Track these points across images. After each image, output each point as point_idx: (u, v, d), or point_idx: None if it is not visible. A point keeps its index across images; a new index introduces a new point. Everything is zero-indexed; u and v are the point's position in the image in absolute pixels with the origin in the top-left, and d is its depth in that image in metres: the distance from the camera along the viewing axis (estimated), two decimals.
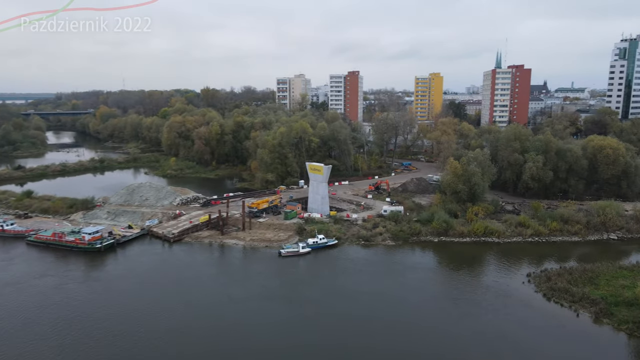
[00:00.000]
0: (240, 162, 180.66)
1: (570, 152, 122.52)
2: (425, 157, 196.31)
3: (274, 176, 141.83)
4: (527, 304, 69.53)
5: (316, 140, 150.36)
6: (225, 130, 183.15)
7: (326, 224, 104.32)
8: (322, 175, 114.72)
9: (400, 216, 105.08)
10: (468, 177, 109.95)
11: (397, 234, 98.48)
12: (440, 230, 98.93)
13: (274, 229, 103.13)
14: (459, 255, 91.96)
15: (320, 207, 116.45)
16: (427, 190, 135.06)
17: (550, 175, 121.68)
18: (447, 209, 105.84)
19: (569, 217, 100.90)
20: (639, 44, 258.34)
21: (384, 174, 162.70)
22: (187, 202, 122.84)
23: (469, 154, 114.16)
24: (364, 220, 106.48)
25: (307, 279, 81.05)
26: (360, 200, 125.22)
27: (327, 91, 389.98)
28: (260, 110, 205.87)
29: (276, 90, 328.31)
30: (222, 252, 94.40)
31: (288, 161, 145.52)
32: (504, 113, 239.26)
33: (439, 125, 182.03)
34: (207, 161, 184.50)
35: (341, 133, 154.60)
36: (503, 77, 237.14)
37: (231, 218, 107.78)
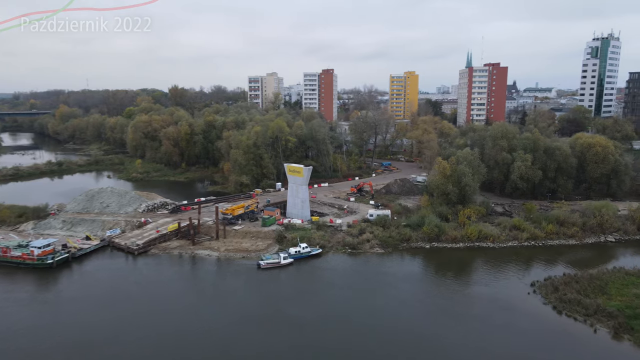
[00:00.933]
0: (212, 163, 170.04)
1: (559, 151, 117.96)
2: (404, 156, 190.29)
3: (248, 179, 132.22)
4: (536, 318, 62.86)
5: (293, 139, 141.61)
6: (196, 130, 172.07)
7: (308, 230, 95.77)
8: (302, 177, 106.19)
9: (387, 221, 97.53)
10: (458, 177, 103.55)
11: (385, 241, 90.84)
12: (431, 235, 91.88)
13: (251, 237, 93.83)
14: (453, 262, 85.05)
15: (300, 211, 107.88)
16: (412, 191, 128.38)
17: (540, 175, 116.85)
18: (437, 212, 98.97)
19: (565, 219, 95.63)
20: (610, 43, 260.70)
21: (365, 174, 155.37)
22: (154, 208, 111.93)
23: (457, 153, 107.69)
24: (349, 225, 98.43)
25: (291, 295, 72.09)
26: (343, 204, 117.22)
27: (300, 90, 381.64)
28: (232, 109, 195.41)
29: (248, 89, 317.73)
30: (193, 265, 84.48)
31: (264, 162, 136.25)
32: (481, 111, 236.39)
33: (420, 124, 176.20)
34: (176, 163, 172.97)
35: (320, 132, 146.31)
36: (480, 75, 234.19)
37: (203, 226, 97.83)
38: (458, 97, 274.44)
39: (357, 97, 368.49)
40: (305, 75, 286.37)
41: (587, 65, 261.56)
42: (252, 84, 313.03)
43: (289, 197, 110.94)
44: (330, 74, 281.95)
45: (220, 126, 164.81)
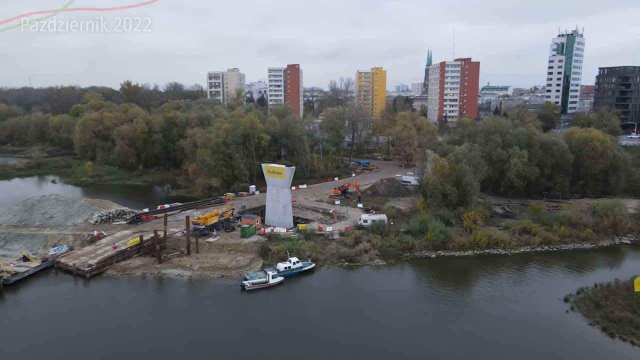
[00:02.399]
0: (174, 165, 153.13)
1: (556, 146, 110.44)
2: (381, 155, 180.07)
3: (218, 181, 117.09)
4: (586, 343, 52.89)
5: (267, 137, 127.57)
6: (154, 128, 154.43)
7: (295, 241, 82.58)
8: (284, 179, 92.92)
9: (385, 227, 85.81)
10: (458, 176, 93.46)
11: (386, 251, 79.06)
12: (436, 243, 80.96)
13: (229, 251, 79.51)
14: (467, 274, 74.38)
15: (282, 218, 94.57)
16: (400, 192, 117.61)
17: (537, 172, 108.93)
18: (438, 215, 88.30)
19: (577, 221, 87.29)
20: (575, 39, 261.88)
21: (344, 174, 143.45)
22: (109, 218, 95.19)
23: (455, 150, 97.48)
24: (341, 233, 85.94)
25: (287, 328, 58.39)
26: (328, 208, 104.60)
27: (262, 87, 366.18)
28: (194, 106, 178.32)
29: (207, 85, 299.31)
30: (160, 289, 69.46)
31: (234, 163, 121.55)
32: (454, 107, 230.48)
33: (399, 119, 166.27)
34: (132, 165, 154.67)
35: (296, 129, 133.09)
36: (452, 70, 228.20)
37: (171, 239, 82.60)
38: (429, 93, 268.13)
39: (323, 95, 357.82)
40: (270, 71, 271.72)
41: (553, 61, 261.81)
42: (212, 80, 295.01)
43: (268, 201, 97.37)
44: (297, 69, 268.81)
45: (183, 123, 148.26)
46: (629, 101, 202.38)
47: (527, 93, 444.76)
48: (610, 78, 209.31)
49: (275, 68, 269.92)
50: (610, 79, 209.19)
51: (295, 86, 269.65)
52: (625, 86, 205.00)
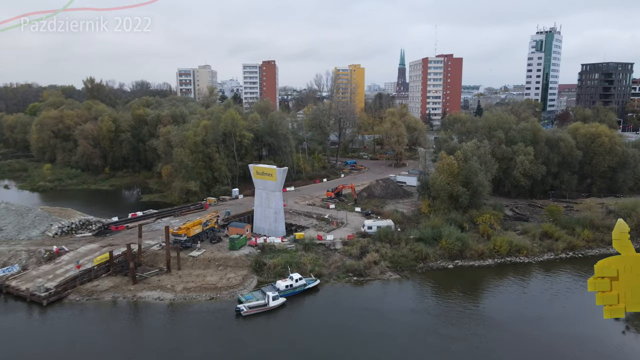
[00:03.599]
0: (144, 167, 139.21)
1: (563, 142, 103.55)
2: (367, 154, 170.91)
3: (197, 185, 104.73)
4: None
5: (249, 135, 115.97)
6: (122, 127, 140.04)
7: (293, 252, 71.70)
8: (275, 181, 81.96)
9: (393, 234, 75.97)
10: (467, 176, 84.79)
11: (398, 262, 69.30)
12: (453, 251, 71.73)
13: (217, 266, 67.87)
14: (492, 287, 65.45)
15: (273, 225, 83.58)
16: (398, 194, 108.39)
17: (543, 170, 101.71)
18: (450, 220, 79.26)
19: (600, 223, 79.90)
20: (554, 37, 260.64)
21: (332, 175, 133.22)
22: (72, 230, 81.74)
23: (464, 147, 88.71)
24: (344, 243, 75.55)
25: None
26: (322, 212, 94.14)
27: (234, 86, 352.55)
28: (166, 102, 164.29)
29: (177, 83, 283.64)
30: (136, 317, 57.50)
31: (215, 164, 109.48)
32: (437, 105, 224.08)
33: (387, 116, 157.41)
34: (98, 167, 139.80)
35: (281, 126, 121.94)
36: (435, 66, 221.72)
37: (147, 253, 70.26)
38: (409, 90, 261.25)
39: (298, 94, 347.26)
40: (244, 67, 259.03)
41: (532, 59, 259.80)
42: (183, 78, 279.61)
43: (257, 207, 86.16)
44: (273, 66, 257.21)
45: (154, 121, 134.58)
46: (612, 98, 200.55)
47: (501, 92, 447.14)
48: (592, 74, 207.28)
49: (250, 64, 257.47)
50: (593, 76, 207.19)
51: (272, 83, 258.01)
52: (608, 82, 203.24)
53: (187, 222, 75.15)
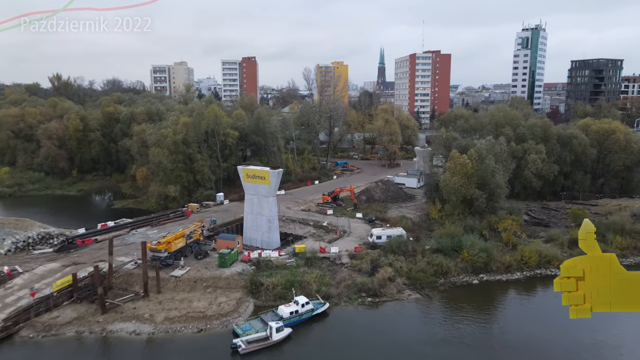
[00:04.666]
0: (117, 169, 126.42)
1: (576, 140, 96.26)
2: (358, 153, 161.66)
3: (177, 189, 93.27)
4: None
5: (234, 133, 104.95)
6: (91, 126, 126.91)
7: (293, 268, 61.40)
8: (269, 185, 71.61)
9: (405, 245, 66.43)
10: (483, 177, 76.20)
11: (416, 278, 59.83)
12: (477, 264, 62.71)
13: (204, 288, 56.99)
14: (531, 307, 56.80)
15: (266, 236, 73.22)
16: (399, 196, 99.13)
17: (555, 170, 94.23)
18: (468, 227, 70.37)
19: (631, 228, 72.24)
20: (540, 33, 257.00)
21: (323, 177, 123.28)
22: (28, 245, 69.38)
23: (478, 145, 79.90)
24: (351, 256, 65.60)
25: None
26: (320, 219, 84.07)
27: (211, 84, 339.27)
28: (140, 99, 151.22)
29: (151, 80, 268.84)
30: (104, 358, 46.28)
31: (197, 166, 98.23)
32: (425, 102, 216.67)
33: (380, 113, 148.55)
34: (64, 171, 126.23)
35: (270, 124, 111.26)
36: (423, 62, 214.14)
37: (119, 274, 58.87)
38: (395, 88, 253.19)
39: (278, 92, 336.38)
40: (223, 64, 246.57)
41: (518, 56, 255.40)
42: (158, 75, 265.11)
43: (247, 215, 75.57)
44: (253, 62, 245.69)
45: (127, 119, 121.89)
46: (602, 95, 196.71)
47: (482, 90, 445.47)
48: (583, 71, 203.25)
49: (230, 61, 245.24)
50: (583, 72, 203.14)
51: (253, 81, 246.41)
52: (598, 79, 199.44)
53: (168, 235, 63.87)
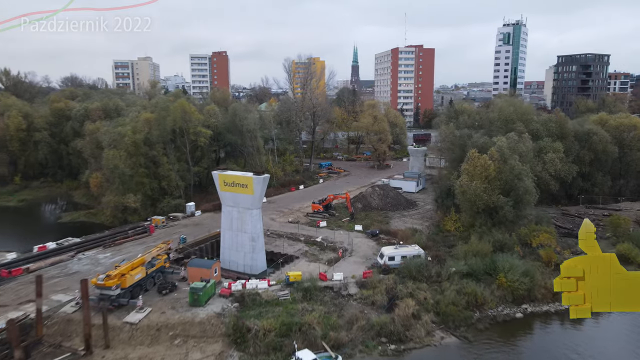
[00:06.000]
0: (68, 175, 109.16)
1: (596, 137, 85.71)
2: (342, 154, 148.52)
3: (138, 199, 77.61)
4: None
5: (207, 132, 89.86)
6: (36, 124, 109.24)
7: (288, 304, 47.28)
8: (252, 195, 57.65)
9: (426, 268, 53.25)
10: (509, 180, 64.11)
11: (447, 313, 46.78)
12: (518, 292, 50.15)
13: (171, 338, 42.17)
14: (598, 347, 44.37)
15: (249, 258, 59.38)
16: (400, 203, 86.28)
17: (574, 171, 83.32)
18: (498, 242, 58.00)
19: None
20: (522, 29, 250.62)
21: (309, 181, 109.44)
22: None
23: (499, 143, 67.52)
24: (360, 284, 51.82)
25: None
26: (313, 234, 70.20)
27: (179, 82, 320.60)
28: (97, 94, 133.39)
29: (113, 77, 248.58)
30: None
31: (162, 170, 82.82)
32: (409, 100, 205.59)
33: (367, 109, 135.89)
34: (5, 177, 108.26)
35: (248, 121, 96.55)
36: (406, 57, 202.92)
37: (53, 320, 43.36)
38: (376, 85, 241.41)
39: (250, 91, 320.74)
40: (192, 58, 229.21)
41: (499, 52, 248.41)
42: (120, 70, 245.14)
43: (225, 231, 61.26)
44: (225, 57, 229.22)
45: (80, 116, 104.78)
46: (590, 91, 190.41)
47: (462, 89, 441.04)
48: (570, 67, 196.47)
49: (199, 55, 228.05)
50: (570, 68, 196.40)
51: (224, 77, 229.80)
52: (586, 75, 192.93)
53: (122, 264, 48.58)
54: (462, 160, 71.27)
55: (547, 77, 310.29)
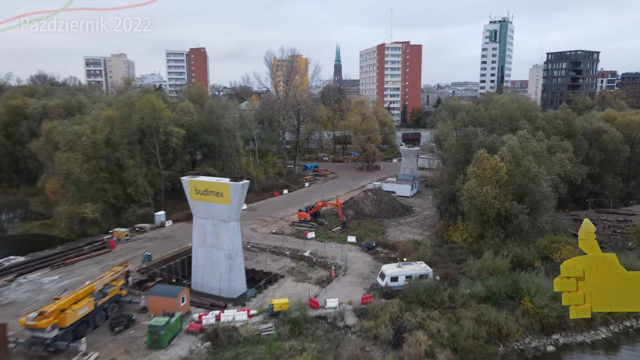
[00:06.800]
0: (26, 180, 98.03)
1: (607, 135, 78.88)
2: (328, 155, 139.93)
3: (98, 209, 67.56)
4: None
5: (180, 131, 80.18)
6: None
7: (272, 342, 38.32)
8: (229, 205, 48.66)
9: (436, 291, 44.80)
10: (523, 185, 56.33)
11: (465, 349, 38.47)
12: (548, 320, 42.11)
13: None
14: None
15: (226, 279, 50.51)
16: (395, 209, 78.07)
17: (584, 172, 76.29)
18: (517, 257, 50.00)
19: None
20: (508, 26, 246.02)
21: (293, 185, 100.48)
22: None
23: (509, 142, 59.59)
24: (358, 312, 43.03)
25: None
26: (299, 247, 61.35)
27: (156, 81, 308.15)
28: (59, 91, 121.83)
29: (85, 74, 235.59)
30: None
31: (128, 175, 72.85)
32: (396, 98, 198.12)
33: (355, 107, 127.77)
34: None
35: (226, 119, 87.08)
36: (393, 54, 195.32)
37: None
38: (361, 83, 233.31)
39: (230, 90, 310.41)
40: (168, 55, 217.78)
41: (486, 49, 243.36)
42: (92, 68, 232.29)
43: (197, 247, 52.07)
44: (203, 54, 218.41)
45: (38, 114, 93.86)
46: (580, 89, 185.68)
47: (440, 88, 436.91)
48: (560, 64, 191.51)
49: (176, 51, 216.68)
50: (560, 65, 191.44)
51: (202, 75, 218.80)
52: (576, 72, 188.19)
53: (64, 295, 38.91)
54: (466, 162, 63.63)
55: (531, 76, 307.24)
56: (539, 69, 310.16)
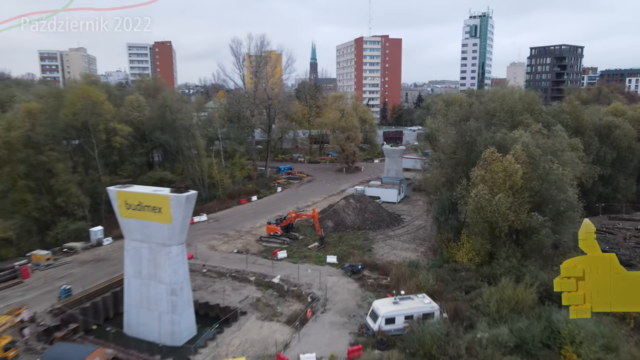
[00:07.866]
0: None
1: (619, 131, 69.39)
2: (303, 155, 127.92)
3: (14, 225, 53.87)
4: None
5: (125, 129, 66.87)
6: None
7: None
8: (169, 223, 36.35)
9: (445, 335, 33.44)
10: (543, 191, 45.74)
11: None
12: None
13: None
14: None
15: (167, 321, 38.06)
16: (382, 219, 66.66)
17: (596, 174, 66.60)
18: (544, 285, 39.10)
19: None
20: (489, 21, 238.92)
21: (264, 190, 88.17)
22: None
23: (524, 139, 48.81)
24: None
25: None
26: (267, 270, 49.26)
27: (122, 79, 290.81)
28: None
29: (39, 69, 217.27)
30: None
31: (58, 182, 59.32)
32: (375, 94, 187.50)
33: (332, 102, 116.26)
34: None
35: (182, 114, 74.03)
36: (372, 48, 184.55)
37: None
38: (338, 79, 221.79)
39: (201, 87, 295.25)
40: (130, 48, 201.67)
41: (466, 45, 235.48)
42: (47, 62, 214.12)
43: (130, 279, 39.61)
44: (169, 48, 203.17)
45: None
46: (564, 84, 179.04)
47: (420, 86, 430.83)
48: (544, 59, 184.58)
49: (138, 44, 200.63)
50: (544, 60, 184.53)
51: (168, 70, 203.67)
52: (561, 67, 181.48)
53: None
54: (468, 163, 53.03)
55: (509, 74, 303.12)
56: (516, 67, 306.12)
